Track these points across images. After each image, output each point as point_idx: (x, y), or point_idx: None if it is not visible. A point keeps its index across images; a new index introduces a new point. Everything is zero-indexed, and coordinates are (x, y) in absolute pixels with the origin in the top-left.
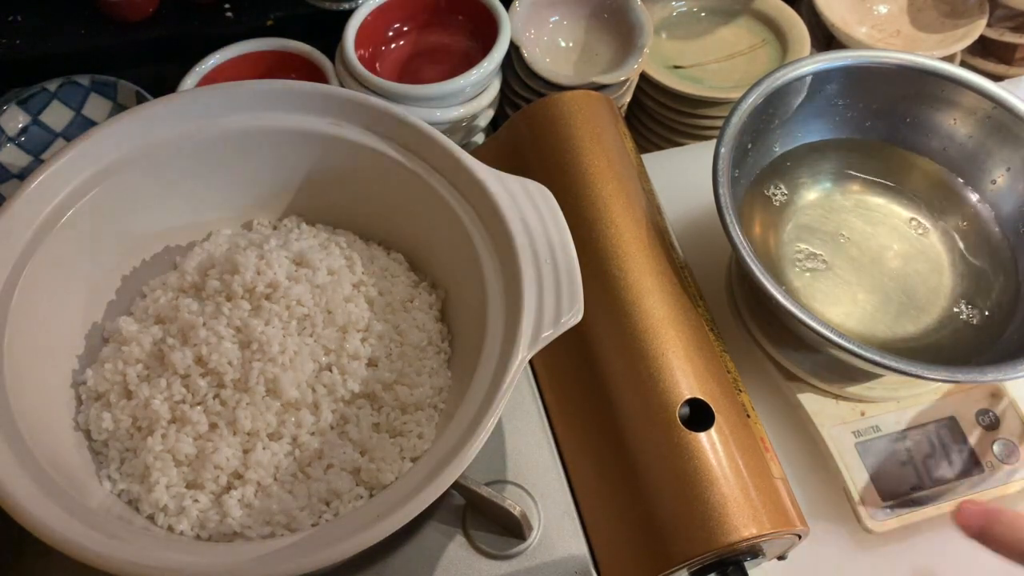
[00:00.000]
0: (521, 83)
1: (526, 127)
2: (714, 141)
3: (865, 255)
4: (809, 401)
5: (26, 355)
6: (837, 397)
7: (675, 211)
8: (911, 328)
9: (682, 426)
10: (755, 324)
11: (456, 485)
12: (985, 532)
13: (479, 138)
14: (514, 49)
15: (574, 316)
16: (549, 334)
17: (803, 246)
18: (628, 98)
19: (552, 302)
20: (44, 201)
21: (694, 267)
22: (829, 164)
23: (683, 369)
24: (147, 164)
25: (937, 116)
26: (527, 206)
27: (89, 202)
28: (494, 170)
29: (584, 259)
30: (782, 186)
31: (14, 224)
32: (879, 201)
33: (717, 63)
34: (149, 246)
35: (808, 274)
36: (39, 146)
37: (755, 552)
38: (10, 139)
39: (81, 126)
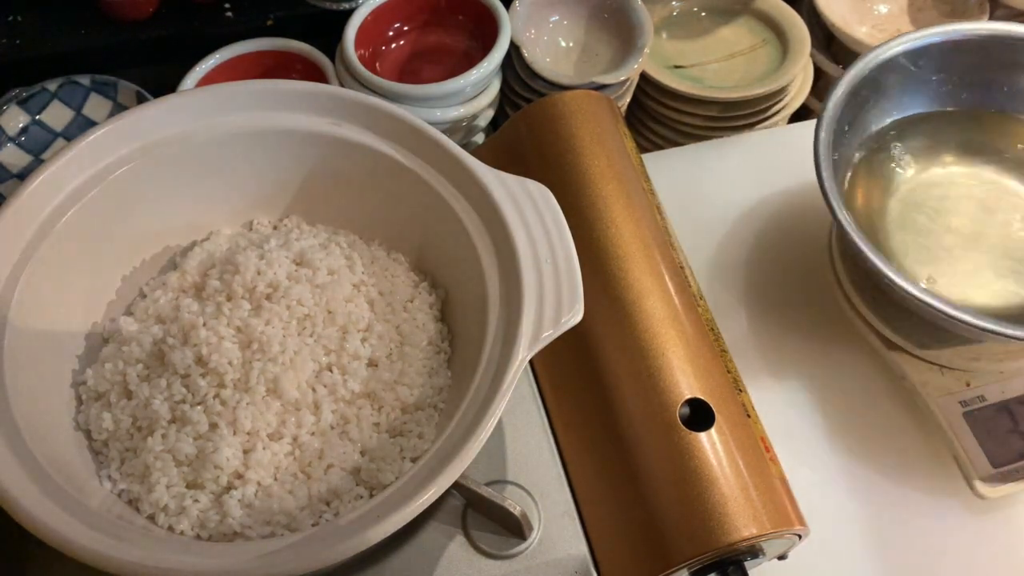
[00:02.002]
0: (521, 83)
1: (526, 127)
2: (715, 141)
3: (965, 224)
4: (915, 372)
5: (26, 355)
6: (942, 368)
7: (675, 211)
8: (1013, 288)
9: (682, 426)
10: (858, 296)
11: (456, 485)
12: None
13: (479, 138)
14: (514, 49)
15: (574, 316)
16: (549, 334)
17: (901, 218)
18: (628, 98)
19: (552, 302)
20: (44, 201)
21: (695, 265)
22: (925, 137)
23: (683, 369)
24: (147, 164)
25: None
26: (527, 206)
27: (89, 202)
28: (494, 170)
29: (584, 259)
30: (880, 161)
31: (14, 224)
32: (976, 171)
33: (717, 63)
34: (149, 246)
35: (909, 244)
36: (39, 146)
37: (755, 552)
38: (10, 139)
39: (81, 126)
